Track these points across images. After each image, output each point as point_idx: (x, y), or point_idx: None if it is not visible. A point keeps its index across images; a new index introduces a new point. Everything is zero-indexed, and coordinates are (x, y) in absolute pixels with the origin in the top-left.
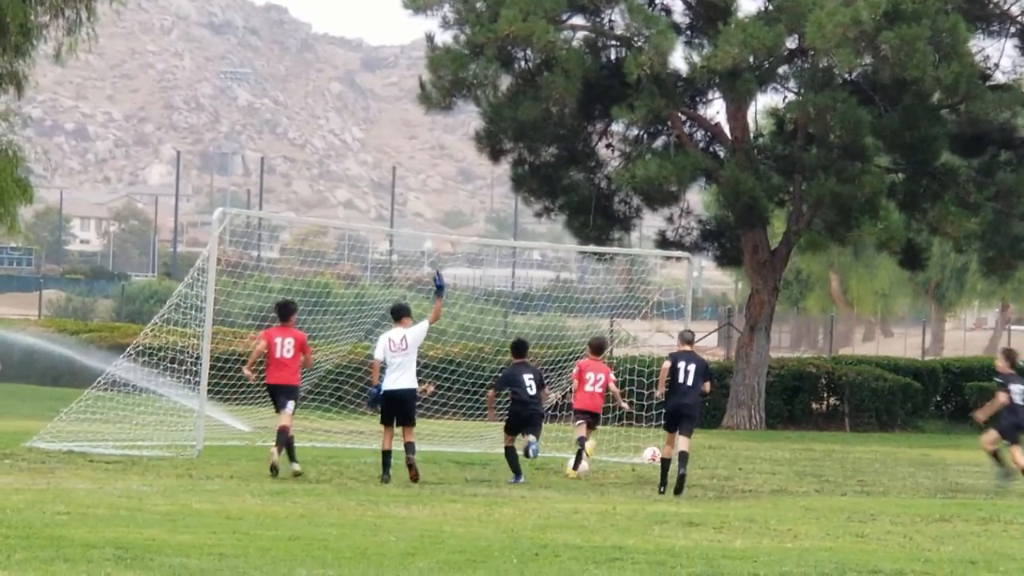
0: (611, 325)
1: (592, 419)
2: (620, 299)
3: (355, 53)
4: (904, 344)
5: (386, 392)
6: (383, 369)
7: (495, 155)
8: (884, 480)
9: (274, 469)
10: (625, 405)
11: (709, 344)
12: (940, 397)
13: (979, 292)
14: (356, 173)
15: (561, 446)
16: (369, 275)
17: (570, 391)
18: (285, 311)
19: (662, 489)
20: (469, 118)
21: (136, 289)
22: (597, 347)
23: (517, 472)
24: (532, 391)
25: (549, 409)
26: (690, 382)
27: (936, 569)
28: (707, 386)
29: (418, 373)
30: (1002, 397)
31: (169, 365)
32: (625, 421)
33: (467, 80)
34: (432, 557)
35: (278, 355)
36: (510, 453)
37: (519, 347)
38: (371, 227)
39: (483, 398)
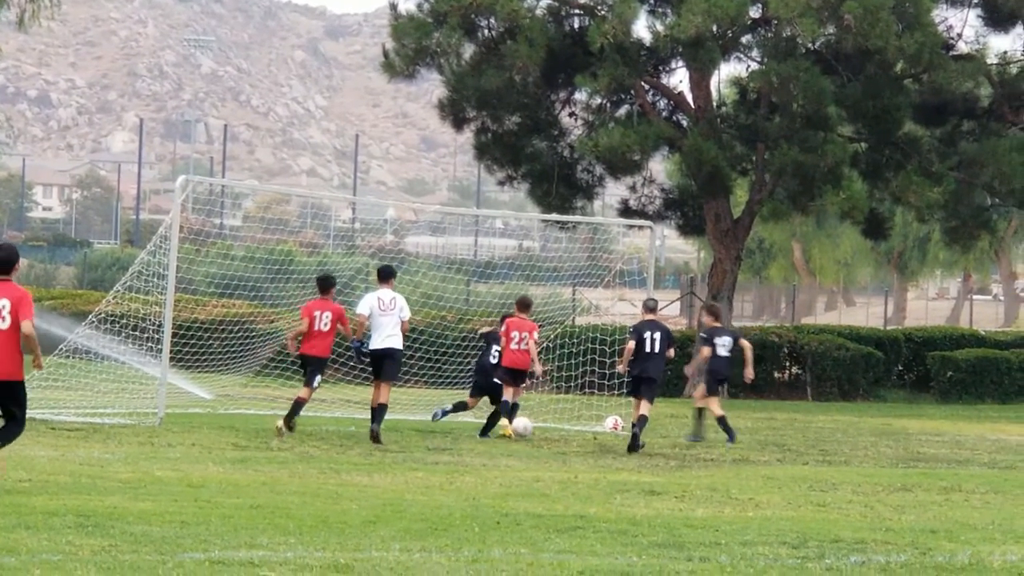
0: (573, 294)
1: (518, 376)
2: (582, 268)
3: (318, 21)
4: (866, 313)
5: (375, 351)
6: (369, 328)
7: (458, 123)
8: (846, 449)
9: (281, 432)
10: (538, 368)
11: (671, 313)
12: (902, 367)
13: (941, 262)
14: (319, 141)
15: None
16: (332, 243)
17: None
18: (325, 284)
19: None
20: (432, 86)
21: (98, 256)
22: (523, 305)
23: (443, 412)
24: (495, 360)
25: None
26: (656, 349)
27: (897, 538)
28: (671, 352)
29: None
30: (705, 351)
31: (131, 333)
32: (587, 390)
33: (430, 48)
34: (394, 525)
35: (316, 327)
36: (460, 406)
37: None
38: (334, 195)
39: (445, 366)
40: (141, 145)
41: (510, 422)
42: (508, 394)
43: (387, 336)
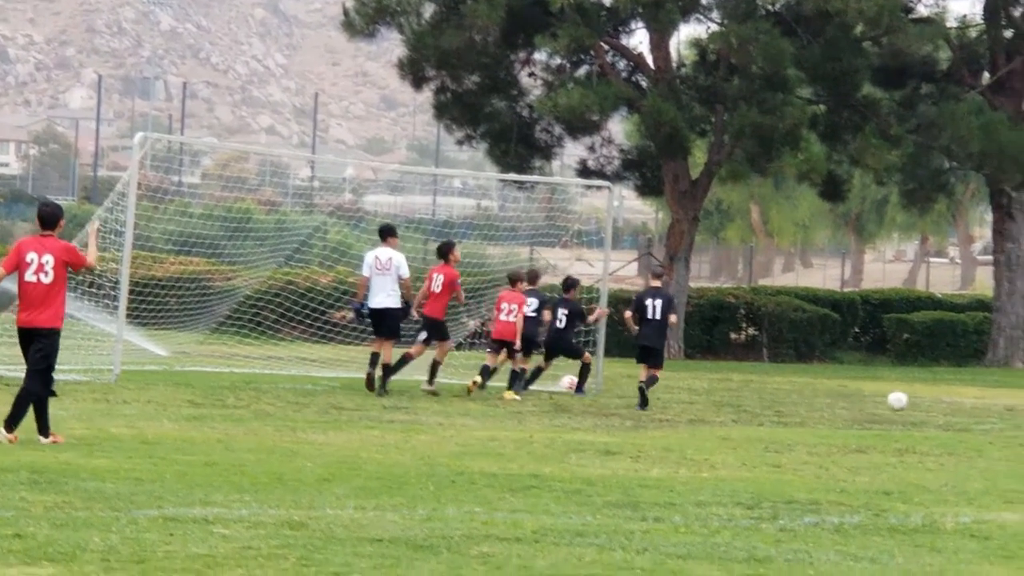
0: (531, 253)
1: (507, 347)
2: (540, 227)
3: None
4: (823, 275)
5: (372, 309)
6: (369, 286)
7: (418, 83)
8: (801, 411)
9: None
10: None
11: (628, 274)
12: (858, 329)
13: (899, 224)
14: (278, 99)
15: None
16: (290, 201)
17: (489, 320)
18: (443, 250)
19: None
20: (392, 45)
21: None
22: (511, 279)
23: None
24: (561, 324)
25: (468, 337)
26: (657, 316)
27: (851, 499)
28: (672, 318)
29: (339, 300)
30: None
31: (88, 289)
32: (543, 350)
33: (391, 7)
34: (349, 483)
35: (432, 288)
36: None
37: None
38: (293, 153)
39: (402, 324)
40: (99, 102)
41: (512, 389)
42: (491, 360)
43: (382, 295)
